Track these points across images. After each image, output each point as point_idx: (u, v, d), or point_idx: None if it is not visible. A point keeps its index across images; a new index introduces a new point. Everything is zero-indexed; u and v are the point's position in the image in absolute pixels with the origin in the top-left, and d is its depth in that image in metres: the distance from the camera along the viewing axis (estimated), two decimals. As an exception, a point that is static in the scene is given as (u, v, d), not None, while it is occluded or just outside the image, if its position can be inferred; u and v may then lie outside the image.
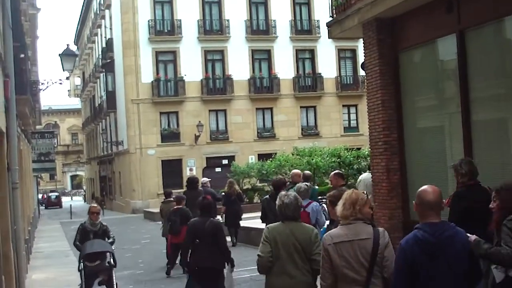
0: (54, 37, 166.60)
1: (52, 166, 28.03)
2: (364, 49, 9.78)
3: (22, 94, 11.81)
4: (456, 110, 8.00)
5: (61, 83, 17.92)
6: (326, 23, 10.94)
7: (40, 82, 18.53)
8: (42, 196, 51.57)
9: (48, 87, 17.69)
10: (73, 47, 48.12)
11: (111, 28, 38.97)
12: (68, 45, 16.04)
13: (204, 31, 34.89)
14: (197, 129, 33.65)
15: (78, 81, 67.21)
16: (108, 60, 38.79)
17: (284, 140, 35.02)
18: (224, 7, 35.30)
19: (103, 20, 42.18)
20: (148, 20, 34.14)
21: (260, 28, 36.14)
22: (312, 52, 36.99)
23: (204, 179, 15.84)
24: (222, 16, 35.32)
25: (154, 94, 33.89)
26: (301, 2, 37.13)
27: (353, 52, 36.95)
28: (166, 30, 34.58)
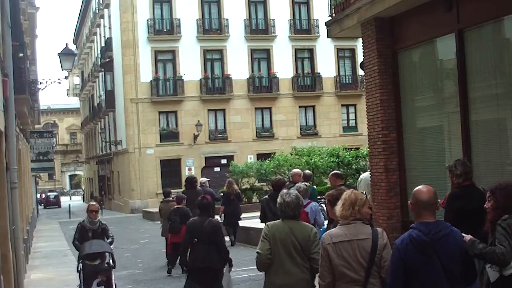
0: (53, 36, 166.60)
1: (51, 166, 28.00)
2: (363, 48, 9.78)
3: (21, 94, 11.80)
4: (455, 110, 7.99)
5: (60, 83, 17.87)
6: (325, 23, 10.94)
7: (39, 82, 18.47)
8: (40, 195, 51.53)
9: (47, 86, 17.65)
10: (72, 46, 48.05)
11: (110, 28, 38.95)
12: (67, 44, 16.05)
13: (203, 30, 34.88)
14: (196, 129, 33.64)
15: (77, 80, 67.22)
16: (107, 60, 38.77)
17: (283, 139, 35.02)
18: (223, 6, 35.29)
19: (102, 19, 42.16)
20: (147, 20, 34.12)
21: (259, 28, 36.14)
22: (311, 51, 36.99)
23: (203, 179, 15.85)
24: (221, 16, 35.31)
25: (153, 93, 33.87)
26: (300, 2, 37.13)
27: (352, 51, 36.99)
28: (165, 30, 34.57)
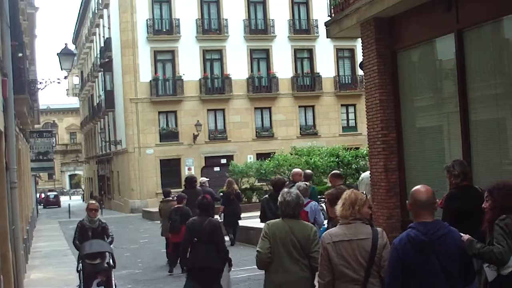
0: (52, 36, 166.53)
1: (51, 166, 28.02)
2: (362, 48, 9.78)
3: (20, 94, 11.80)
4: (454, 110, 8.00)
5: (59, 83, 17.85)
6: (325, 23, 10.94)
7: (39, 82, 18.45)
8: (39, 195, 51.51)
9: (46, 86, 17.61)
10: (71, 46, 48.01)
11: (109, 28, 38.94)
12: (66, 44, 16.03)
13: (202, 30, 34.88)
14: (195, 129, 33.64)
15: (76, 80, 67.23)
16: (107, 60, 38.77)
17: (282, 139, 35.02)
18: (222, 6, 35.28)
19: (101, 20, 42.16)
20: (147, 20, 34.11)
21: (258, 28, 36.13)
22: (311, 51, 36.99)
23: (202, 178, 15.87)
24: (221, 16, 35.30)
25: (152, 93, 33.86)
26: (300, 2, 37.13)
27: (352, 51, 36.99)
28: (164, 30, 34.56)
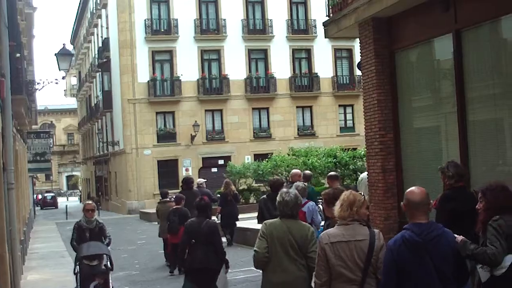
0: (50, 36, 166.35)
1: (48, 167, 27.90)
2: (360, 48, 9.78)
3: (17, 94, 11.76)
4: (452, 110, 8.00)
5: (57, 83, 17.86)
6: (323, 23, 10.94)
7: (36, 82, 18.45)
8: (36, 196, 51.39)
9: (44, 86, 17.62)
10: (69, 46, 48.09)
11: (107, 28, 38.91)
12: (64, 44, 16.03)
13: (200, 30, 34.86)
14: (193, 129, 33.61)
15: (74, 80, 67.12)
16: (104, 60, 38.73)
17: (280, 140, 35.00)
18: (220, 6, 35.27)
19: (99, 20, 42.11)
20: (145, 20, 34.08)
21: (256, 28, 36.12)
22: (309, 51, 36.99)
23: (200, 179, 15.85)
24: (219, 16, 35.29)
25: (150, 93, 33.83)
26: (298, 2, 37.12)
27: (350, 51, 36.99)
28: (162, 30, 34.52)
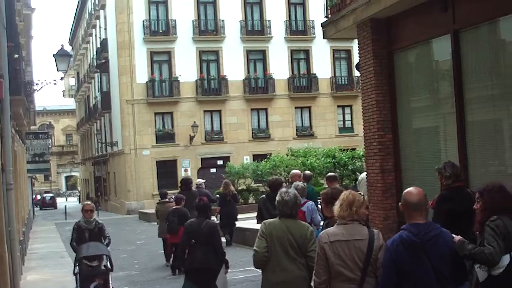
0: (48, 37, 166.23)
1: (47, 167, 27.93)
2: (358, 49, 9.79)
3: (16, 95, 11.76)
4: (451, 111, 8.02)
5: (55, 84, 17.88)
6: (321, 24, 10.95)
7: (35, 83, 18.44)
8: (35, 197, 51.34)
9: (42, 87, 17.66)
10: (67, 47, 47.98)
11: (105, 29, 38.90)
12: (62, 45, 16.03)
13: (199, 31, 34.86)
14: (192, 130, 33.62)
15: (72, 81, 67.06)
16: (103, 61, 38.71)
17: (279, 140, 35.02)
18: (219, 7, 35.28)
19: (97, 21, 42.10)
20: (143, 21, 34.08)
21: (255, 29, 36.13)
22: (307, 52, 37.00)
23: (199, 180, 15.87)
24: (217, 17, 35.30)
25: (148, 94, 33.83)
26: (296, 3, 37.14)
27: (348, 52, 37.00)
28: (161, 31, 34.51)
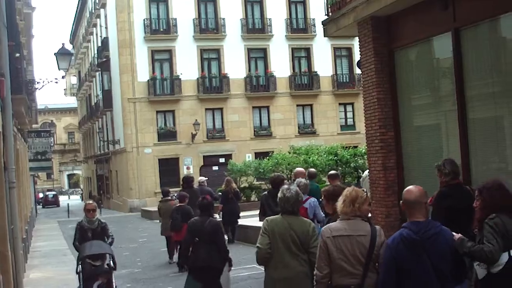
0: (49, 36, 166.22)
1: (49, 165, 27.98)
2: (359, 47, 9.80)
3: (17, 94, 11.78)
4: (452, 108, 8.03)
5: (57, 82, 17.87)
6: (322, 22, 10.95)
7: (36, 81, 18.43)
8: (36, 195, 51.37)
9: (44, 86, 17.64)
10: (68, 46, 48.08)
11: (106, 27, 38.89)
12: (63, 44, 16.06)
13: (199, 29, 34.85)
14: (193, 128, 33.64)
15: (74, 80, 67.15)
16: (104, 59, 38.72)
17: (280, 138, 35.03)
18: (219, 5, 35.26)
19: (98, 19, 42.09)
20: (144, 19, 34.08)
21: (255, 27, 36.11)
22: (308, 50, 36.98)
23: (201, 178, 15.93)
24: (218, 15, 35.29)
25: (150, 93, 33.85)
26: (297, 1, 37.08)
27: (349, 50, 36.99)
28: (161, 29, 34.52)
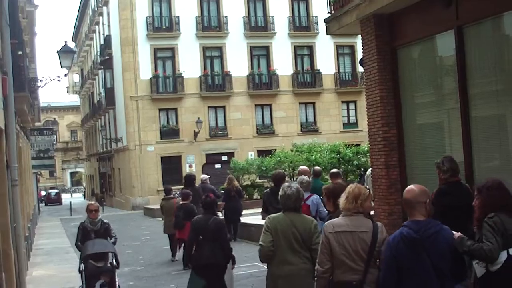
0: (52, 34, 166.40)
1: (51, 163, 28.09)
2: (362, 45, 9.78)
3: (20, 91, 11.81)
4: (455, 106, 8.01)
5: (59, 80, 17.89)
6: (324, 20, 10.93)
7: (39, 79, 18.47)
8: (38, 193, 51.47)
9: (46, 84, 17.66)
10: (71, 44, 47.96)
11: (109, 25, 38.91)
12: (66, 42, 16.08)
13: (202, 27, 34.85)
14: (196, 126, 33.65)
15: (76, 78, 67.21)
16: (107, 57, 38.73)
17: (283, 136, 35.04)
18: (222, 3, 35.24)
19: (101, 17, 42.12)
20: (146, 17, 34.09)
21: (258, 25, 36.08)
22: (311, 48, 36.95)
23: (203, 176, 15.92)
24: (220, 13, 35.28)
25: (152, 90, 33.87)
26: (299, -2, 37.09)
27: (352, 48, 36.95)
28: (164, 27, 34.54)
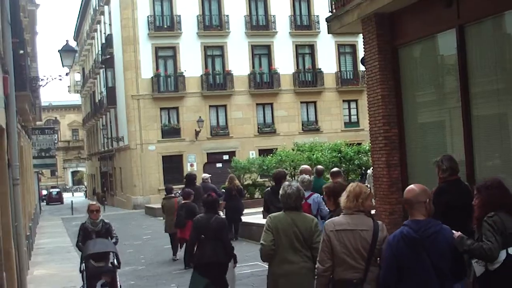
0: (53, 33, 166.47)
1: (53, 162, 28.10)
2: (363, 44, 9.78)
3: (21, 91, 11.81)
4: (456, 105, 8.00)
5: (61, 79, 17.92)
6: (326, 19, 10.93)
7: (40, 78, 18.49)
8: (39, 192, 51.56)
9: (48, 83, 17.69)
10: (72, 43, 48.12)
11: (110, 24, 38.93)
12: (67, 41, 16.07)
13: (203, 26, 34.85)
14: (197, 125, 33.66)
15: (78, 77, 67.22)
16: (108, 56, 38.76)
17: (284, 135, 35.04)
18: (223, 2, 35.24)
19: (102, 16, 42.14)
20: (148, 16, 34.10)
21: (259, 24, 36.07)
22: (312, 47, 36.94)
23: (204, 175, 15.93)
24: (222, 12, 35.27)
25: (154, 89, 33.88)
26: (301, -3, 37.06)
27: (353, 47, 36.93)
28: (165, 26, 34.54)
